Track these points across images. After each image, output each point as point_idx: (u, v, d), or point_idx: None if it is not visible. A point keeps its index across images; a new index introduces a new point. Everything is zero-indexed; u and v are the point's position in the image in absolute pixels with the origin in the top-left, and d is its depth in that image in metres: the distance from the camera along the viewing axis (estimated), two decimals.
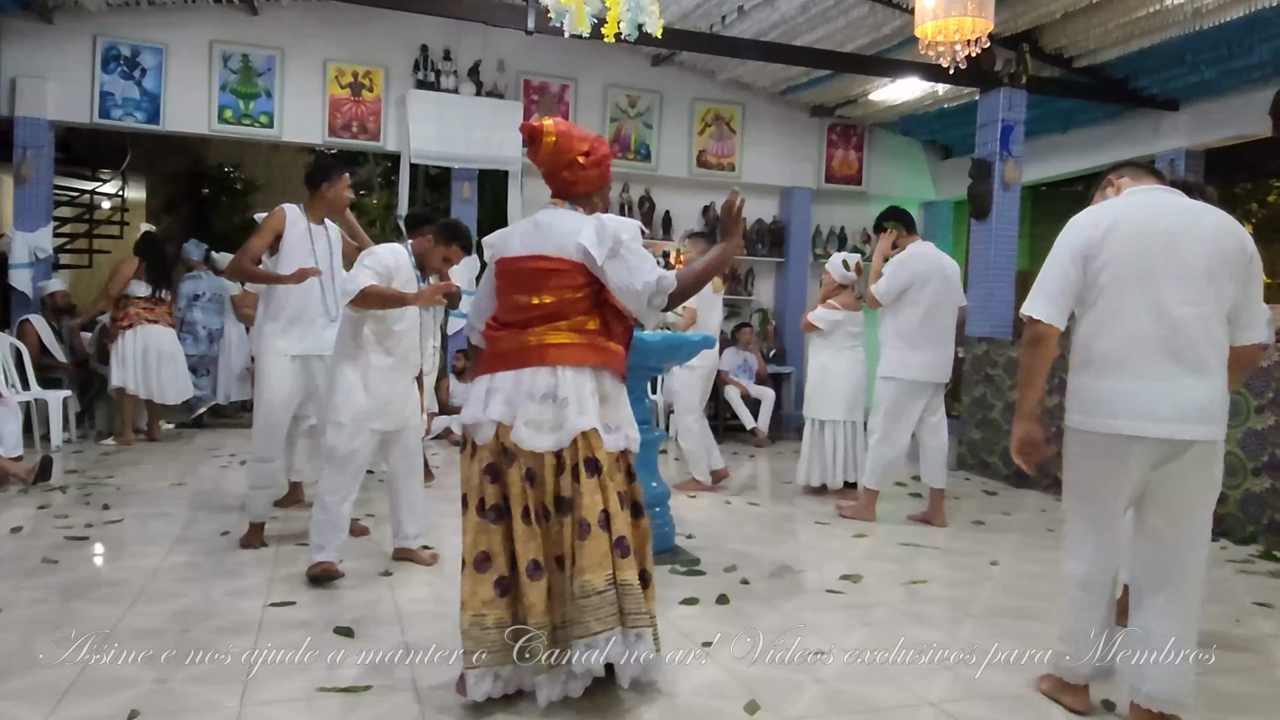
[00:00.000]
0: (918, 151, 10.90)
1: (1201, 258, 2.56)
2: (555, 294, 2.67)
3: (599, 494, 2.57)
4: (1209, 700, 2.88)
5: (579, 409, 2.60)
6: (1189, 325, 2.54)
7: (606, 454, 2.62)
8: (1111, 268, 2.62)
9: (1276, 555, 4.80)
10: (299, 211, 4.36)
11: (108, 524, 4.74)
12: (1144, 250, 2.60)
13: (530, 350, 2.65)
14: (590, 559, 2.52)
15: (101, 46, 8.02)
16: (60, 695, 2.63)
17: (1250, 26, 6.68)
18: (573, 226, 2.70)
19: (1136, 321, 2.58)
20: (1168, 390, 2.53)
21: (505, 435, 2.61)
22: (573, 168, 2.77)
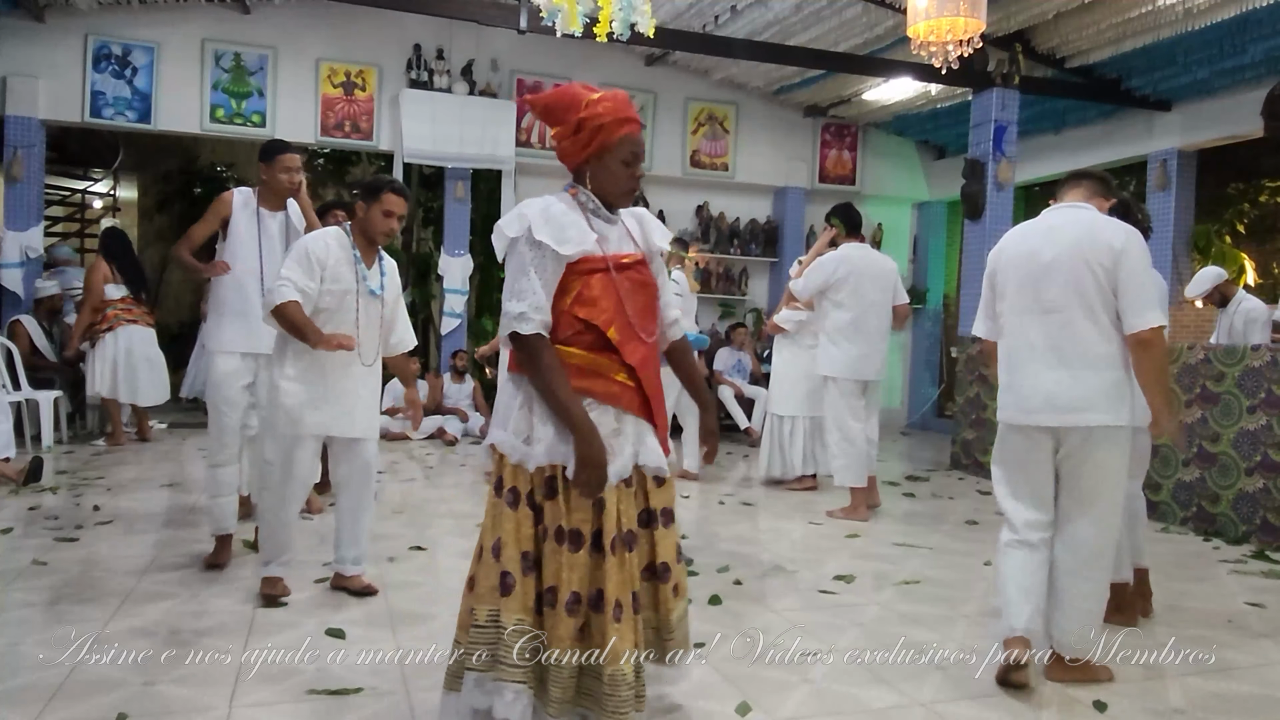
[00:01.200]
0: (911, 151, 10.91)
1: (1062, 269, 2.91)
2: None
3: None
4: (1202, 701, 2.88)
5: (498, 422, 2.48)
6: (1054, 329, 2.92)
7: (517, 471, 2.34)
8: (1001, 285, 3.09)
9: (1269, 555, 4.81)
10: (249, 195, 4.04)
11: (98, 525, 4.71)
12: (1019, 267, 3.03)
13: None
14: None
15: (93, 45, 8.00)
16: (48, 698, 2.61)
17: (1242, 26, 6.70)
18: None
19: (1018, 328, 3.02)
20: (1037, 385, 2.93)
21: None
22: (558, 139, 2.38)
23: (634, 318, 2.28)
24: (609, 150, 2.30)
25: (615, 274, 2.27)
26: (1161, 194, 8.32)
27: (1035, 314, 2.96)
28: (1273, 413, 5.01)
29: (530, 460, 2.21)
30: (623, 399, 2.26)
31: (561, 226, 2.23)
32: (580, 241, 2.23)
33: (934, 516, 5.68)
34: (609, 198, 2.35)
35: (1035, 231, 3.06)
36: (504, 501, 2.26)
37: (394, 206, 3.50)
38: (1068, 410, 2.88)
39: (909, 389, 11.18)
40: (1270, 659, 3.28)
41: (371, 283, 3.53)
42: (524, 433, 2.24)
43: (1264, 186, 9.71)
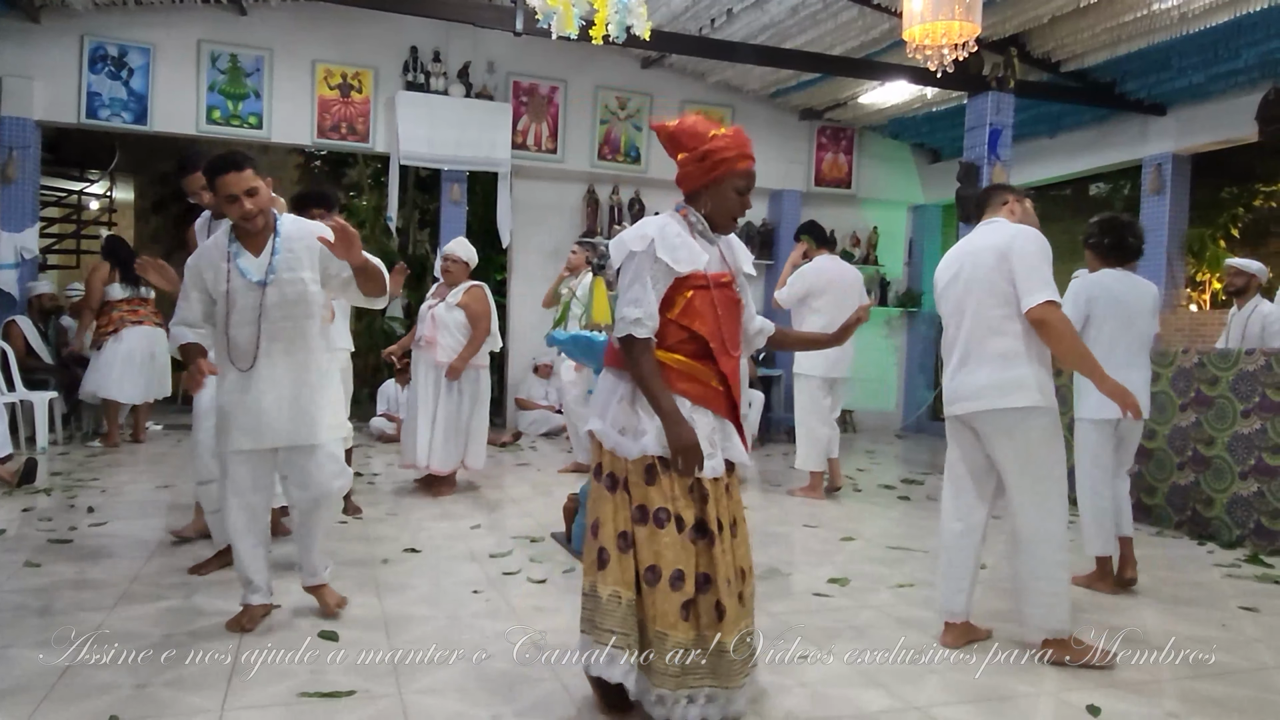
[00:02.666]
0: (906, 155, 10.93)
1: (979, 271, 3.20)
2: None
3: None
4: (1196, 704, 2.88)
5: (598, 411, 2.72)
6: (969, 327, 3.24)
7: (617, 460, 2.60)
8: (939, 294, 3.43)
9: (1263, 559, 4.81)
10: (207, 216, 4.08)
11: (92, 527, 4.70)
12: (948, 275, 3.37)
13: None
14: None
15: (88, 46, 7.99)
16: (40, 700, 2.60)
17: (1237, 31, 6.72)
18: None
19: (948, 331, 3.37)
20: (951, 379, 3.32)
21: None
22: (683, 164, 2.63)
23: (726, 332, 2.58)
24: (728, 178, 2.59)
25: (714, 291, 2.55)
26: (1156, 198, 8.34)
27: (959, 316, 3.34)
28: (1267, 416, 5.02)
29: (632, 450, 2.47)
30: (715, 403, 2.55)
31: (677, 246, 2.52)
32: (692, 261, 2.52)
33: (929, 520, 5.68)
34: (718, 220, 2.63)
35: (964, 243, 3.40)
36: (603, 485, 2.53)
37: (230, 187, 3.12)
38: (971, 399, 3.27)
39: (904, 392, 11.19)
40: (1264, 663, 3.29)
41: (253, 274, 3.16)
42: (620, 424, 2.52)
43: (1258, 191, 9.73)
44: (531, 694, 2.77)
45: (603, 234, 9.54)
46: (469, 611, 3.55)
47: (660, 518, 2.44)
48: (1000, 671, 3.10)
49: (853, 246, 10.69)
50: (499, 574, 4.10)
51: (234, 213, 3.17)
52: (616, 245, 2.59)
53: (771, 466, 7.75)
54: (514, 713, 2.64)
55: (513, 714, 2.64)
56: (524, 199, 9.46)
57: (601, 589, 2.48)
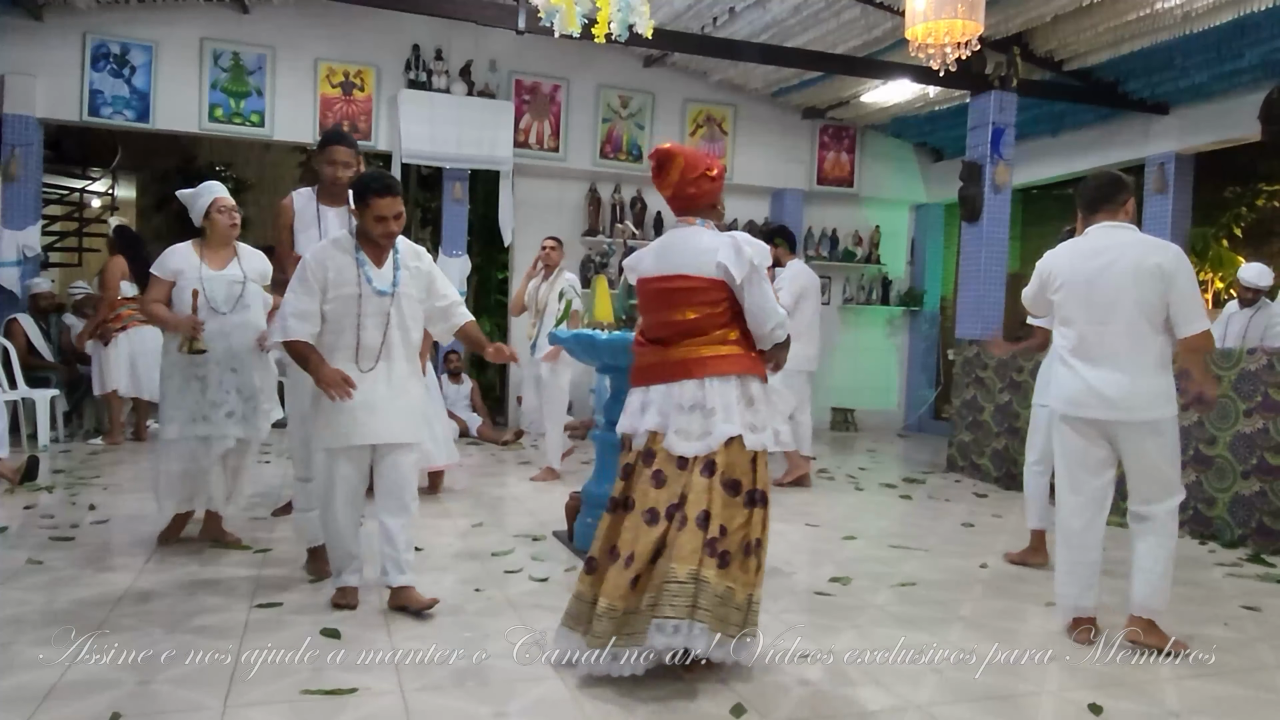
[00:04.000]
0: (909, 154, 10.91)
1: (1136, 279, 3.23)
2: (697, 310, 2.92)
3: (708, 493, 2.80)
4: (1197, 703, 2.88)
5: (724, 417, 2.84)
6: (1118, 332, 3.27)
7: (745, 454, 2.87)
8: (1066, 283, 3.43)
9: (1265, 559, 4.81)
10: (309, 193, 3.97)
11: (94, 524, 4.71)
12: (1089, 269, 3.36)
13: (677, 365, 2.91)
14: (687, 548, 2.74)
15: (91, 44, 7.99)
16: (42, 697, 2.61)
17: (1239, 30, 6.71)
18: (709, 245, 2.95)
19: (1078, 328, 3.38)
20: (1087, 381, 3.31)
21: (657, 442, 2.90)
22: (699, 182, 3.02)
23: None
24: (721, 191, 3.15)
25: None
26: (1159, 197, 8.33)
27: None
28: (1269, 416, 5.02)
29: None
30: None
31: None
32: None
33: (930, 519, 5.69)
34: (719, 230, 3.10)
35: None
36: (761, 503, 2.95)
37: (383, 210, 3.36)
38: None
39: (906, 391, 11.18)
40: (1265, 662, 3.29)
41: (379, 283, 3.42)
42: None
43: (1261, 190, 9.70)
44: (533, 692, 2.78)
45: (604, 233, 9.54)
46: (470, 609, 3.55)
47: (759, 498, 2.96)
48: (1001, 671, 3.10)
49: (855, 246, 10.68)
50: (500, 572, 4.10)
51: (378, 230, 3.40)
52: (758, 255, 2.89)
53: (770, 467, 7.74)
54: (515, 711, 2.65)
55: (514, 712, 2.64)
56: (526, 198, 9.45)
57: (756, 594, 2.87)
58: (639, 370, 3.04)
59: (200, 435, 4.19)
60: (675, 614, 2.68)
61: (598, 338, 4.37)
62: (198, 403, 4.18)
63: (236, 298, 4.23)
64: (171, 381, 4.20)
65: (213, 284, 4.20)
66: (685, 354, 2.91)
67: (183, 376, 4.18)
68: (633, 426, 2.99)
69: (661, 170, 3.06)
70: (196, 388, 4.18)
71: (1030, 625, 3.62)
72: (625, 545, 2.84)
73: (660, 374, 2.94)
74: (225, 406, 4.21)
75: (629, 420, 3.01)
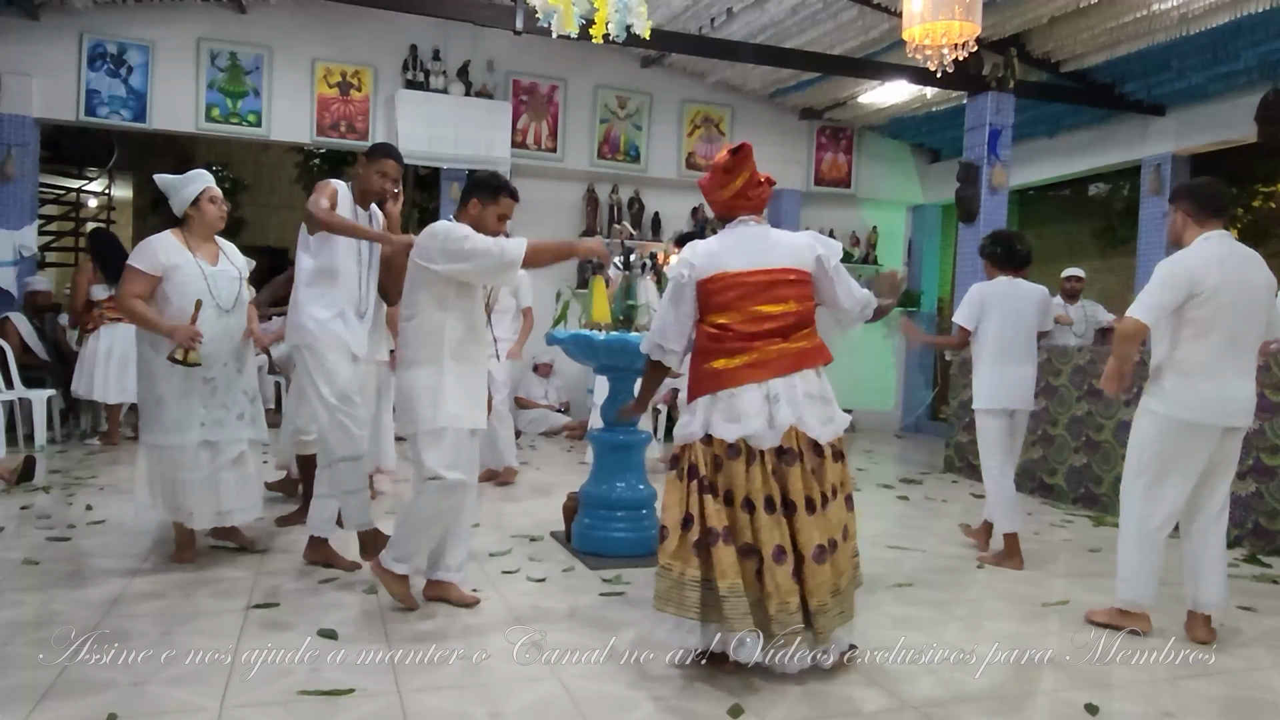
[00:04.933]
0: (906, 155, 10.93)
1: (1258, 290, 3.42)
2: (799, 303, 2.98)
3: (841, 473, 2.98)
4: (1192, 703, 2.89)
5: (835, 404, 3.00)
6: (1245, 342, 3.45)
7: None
8: (1207, 288, 3.40)
9: (1261, 559, 4.82)
10: (346, 190, 3.95)
11: (90, 525, 4.70)
12: (1230, 278, 3.40)
13: (801, 355, 2.94)
14: (849, 546, 3.00)
15: (88, 44, 7.99)
16: (38, 698, 2.60)
17: (1236, 32, 6.72)
18: (799, 240, 3.07)
19: (1208, 335, 3.40)
20: (1219, 388, 3.41)
21: (790, 438, 2.86)
22: (762, 187, 3.13)
23: None
24: None
25: None
26: (1155, 198, 8.34)
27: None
28: (1265, 417, 5.02)
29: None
30: None
31: None
32: None
33: (928, 519, 5.69)
34: None
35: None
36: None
37: (507, 210, 3.67)
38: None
39: (903, 392, 11.19)
40: (1261, 663, 3.29)
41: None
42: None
43: (1257, 191, 9.72)
44: (530, 693, 2.77)
45: (602, 233, 9.54)
46: (467, 610, 3.54)
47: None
48: (998, 671, 3.11)
49: (852, 246, 10.69)
50: (498, 573, 4.10)
51: (495, 229, 3.55)
52: (831, 248, 3.06)
53: None
54: (512, 712, 2.64)
55: (511, 713, 2.64)
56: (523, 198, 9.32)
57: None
58: (752, 366, 2.89)
59: (210, 440, 3.94)
60: (848, 613, 2.96)
61: (595, 338, 4.37)
62: (207, 406, 3.92)
63: (236, 295, 4.03)
64: (170, 384, 3.86)
65: (216, 281, 3.95)
66: (802, 345, 2.95)
67: (186, 379, 3.87)
68: (761, 425, 2.85)
69: (736, 169, 3.07)
70: (205, 391, 3.91)
71: (1028, 626, 3.62)
72: (806, 543, 2.84)
73: (784, 366, 2.91)
74: (237, 408, 4.01)
75: (755, 421, 2.85)
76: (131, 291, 3.82)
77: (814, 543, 2.83)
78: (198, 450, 3.91)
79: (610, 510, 4.45)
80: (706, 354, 2.99)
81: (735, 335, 2.93)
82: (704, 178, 3.21)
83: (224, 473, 3.99)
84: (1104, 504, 5.93)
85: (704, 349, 3.00)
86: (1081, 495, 6.22)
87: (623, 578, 4.06)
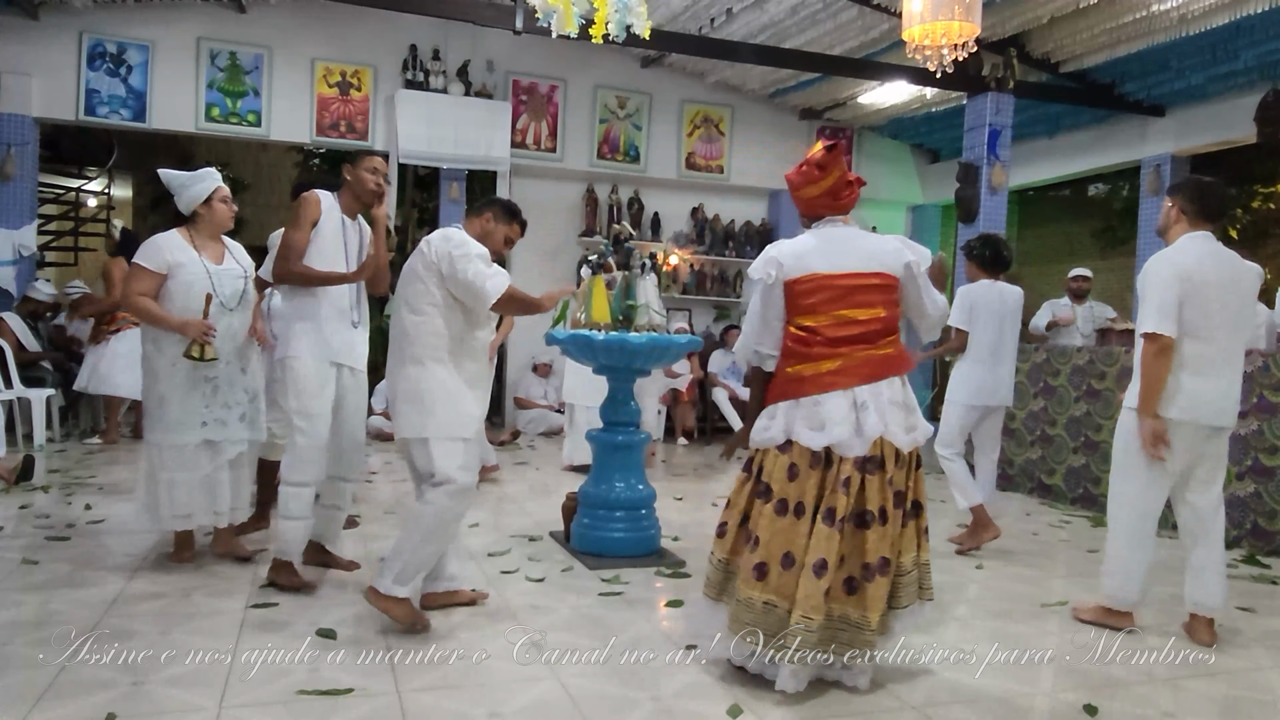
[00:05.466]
0: (906, 155, 10.93)
1: (1245, 293, 3.46)
2: (886, 308, 2.91)
3: (919, 485, 2.91)
4: (1192, 704, 2.89)
5: (919, 413, 2.92)
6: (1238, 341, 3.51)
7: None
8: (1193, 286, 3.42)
9: (1260, 560, 4.82)
10: (333, 199, 3.80)
11: (89, 524, 4.70)
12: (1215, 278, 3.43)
13: (888, 361, 2.87)
14: (910, 538, 2.87)
15: (87, 43, 7.99)
16: (37, 697, 2.60)
17: (1236, 32, 6.73)
18: (889, 244, 2.99)
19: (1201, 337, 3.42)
20: (1216, 389, 3.45)
21: (877, 446, 2.78)
22: (852, 187, 3.05)
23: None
24: None
25: None
26: (1155, 199, 8.35)
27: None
28: (1264, 418, 5.03)
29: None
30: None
31: None
32: None
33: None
34: None
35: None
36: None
37: (517, 236, 3.63)
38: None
39: None
40: (1260, 663, 3.29)
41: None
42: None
43: (1257, 192, 9.73)
44: (529, 693, 2.77)
45: (601, 233, 9.54)
46: (466, 610, 3.54)
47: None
48: (998, 671, 3.11)
49: None
50: (497, 573, 4.10)
51: (498, 248, 3.51)
52: (921, 254, 3.00)
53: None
54: (512, 711, 2.64)
55: (510, 713, 2.64)
56: (523, 198, 9.43)
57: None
58: (838, 373, 2.81)
59: (210, 440, 3.90)
60: (908, 600, 2.87)
61: (594, 338, 4.37)
62: (209, 405, 3.89)
63: (241, 293, 4.00)
64: (173, 382, 3.85)
65: (221, 280, 3.93)
66: (888, 351, 2.88)
67: (189, 378, 3.86)
68: (848, 433, 2.77)
69: (829, 165, 2.99)
70: (207, 390, 3.88)
71: (1028, 626, 3.62)
72: (873, 554, 2.77)
73: (869, 373, 2.81)
74: (239, 408, 3.98)
75: (841, 428, 2.76)
76: (137, 289, 3.82)
77: (880, 554, 2.76)
78: (198, 450, 3.89)
79: (609, 510, 4.45)
80: (790, 357, 2.91)
81: (822, 340, 2.85)
82: (792, 172, 3.09)
83: (221, 473, 3.96)
84: (1103, 504, 5.88)
85: (788, 352, 2.92)
86: (1080, 495, 6.22)
87: (621, 577, 4.06)
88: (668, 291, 9.53)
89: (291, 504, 3.63)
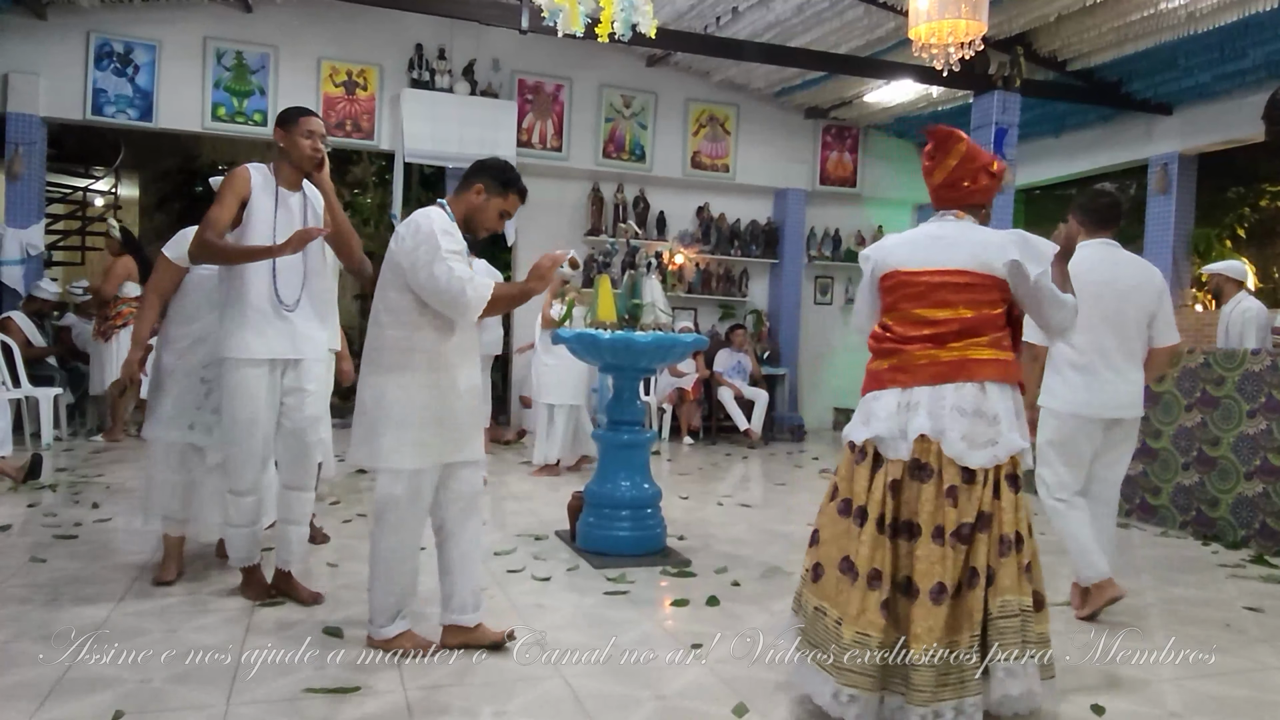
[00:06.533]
0: (912, 153, 10.89)
1: (1143, 293, 3.69)
2: (973, 309, 2.66)
3: (1017, 512, 2.59)
4: (1198, 704, 2.88)
5: (1009, 426, 2.60)
6: (1127, 337, 3.69)
7: (1024, 471, 2.65)
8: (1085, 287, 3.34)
9: (1268, 560, 4.81)
10: (267, 171, 3.46)
11: (97, 523, 4.71)
12: (1106, 276, 3.65)
13: (955, 365, 2.62)
14: (1009, 577, 2.53)
15: (94, 43, 8.01)
16: (44, 695, 2.61)
17: (1243, 30, 6.70)
18: (995, 240, 2.71)
19: (1093, 332, 3.62)
20: (1104, 383, 3.65)
21: (925, 451, 2.57)
22: (978, 175, 2.82)
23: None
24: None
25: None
26: (1162, 198, 8.33)
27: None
28: (1273, 417, 5.01)
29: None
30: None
31: None
32: None
33: None
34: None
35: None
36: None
37: (515, 207, 3.39)
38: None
39: None
40: (1267, 664, 3.28)
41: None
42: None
43: (1264, 191, 9.70)
44: (534, 692, 2.78)
45: (607, 232, 9.55)
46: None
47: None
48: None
49: (857, 245, 10.67)
50: (503, 571, 4.10)
51: (493, 225, 3.34)
52: (1038, 255, 2.69)
53: (774, 467, 7.74)
54: (516, 710, 2.65)
55: (515, 711, 2.64)
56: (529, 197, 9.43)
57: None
58: (898, 370, 2.68)
59: (195, 445, 3.77)
60: (1013, 654, 2.49)
61: (600, 337, 4.37)
62: (200, 408, 3.77)
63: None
64: (173, 378, 3.77)
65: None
66: (964, 354, 2.62)
67: (187, 376, 3.77)
68: (889, 431, 2.62)
69: (939, 152, 2.83)
70: (200, 391, 3.78)
71: None
72: (924, 576, 2.49)
73: (932, 374, 2.62)
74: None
75: (883, 425, 2.63)
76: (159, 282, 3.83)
77: (934, 578, 2.47)
78: (184, 452, 3.79)
79: (615, 509, 4.45)
80: (870, 353, 2.81)
81: (892, 338, 2.73)
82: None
83: (210, 478, 3.81)
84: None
85: (870, 347, 2.82)
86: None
87: (627, 576, 4.06)
88: (673, 290, 9.53)
89: (232, 511, 3.47)
